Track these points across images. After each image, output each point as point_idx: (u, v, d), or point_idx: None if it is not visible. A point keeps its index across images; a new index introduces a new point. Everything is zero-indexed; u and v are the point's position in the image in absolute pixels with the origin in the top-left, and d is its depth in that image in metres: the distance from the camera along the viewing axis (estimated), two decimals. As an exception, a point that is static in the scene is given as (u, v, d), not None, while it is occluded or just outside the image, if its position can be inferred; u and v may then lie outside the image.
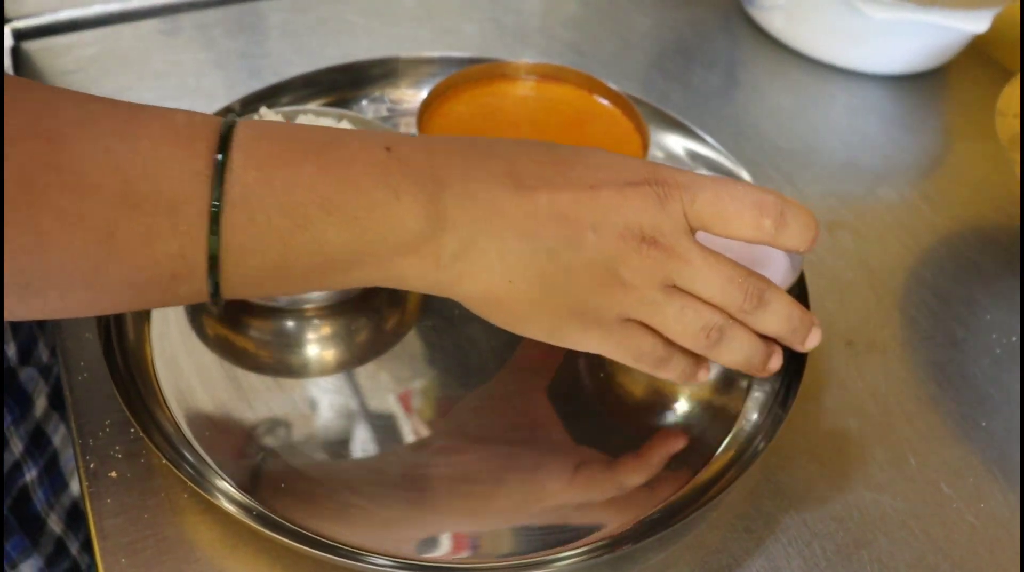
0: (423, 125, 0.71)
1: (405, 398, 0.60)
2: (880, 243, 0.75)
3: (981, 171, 0.83)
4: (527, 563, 0.52)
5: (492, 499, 0.55)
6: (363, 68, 0.79)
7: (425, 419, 0.59)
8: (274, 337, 0.62)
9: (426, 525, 0.54)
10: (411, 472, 0.56)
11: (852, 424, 0.62)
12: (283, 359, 0.61)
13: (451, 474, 0.56)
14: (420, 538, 0.53)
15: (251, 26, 0.93)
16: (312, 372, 0.61)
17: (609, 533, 0.54)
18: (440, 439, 0.58)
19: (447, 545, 0.53)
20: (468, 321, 0.64)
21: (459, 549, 0.53)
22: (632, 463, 0.57)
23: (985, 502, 0.59)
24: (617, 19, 0.99)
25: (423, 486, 0.55)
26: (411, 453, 0.57)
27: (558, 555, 0.52)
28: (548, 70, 0.76)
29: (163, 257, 0.44)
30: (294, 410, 0.58)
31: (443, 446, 0.57)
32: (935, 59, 0.93)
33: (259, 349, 0.61)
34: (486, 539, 0.53)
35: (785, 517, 0.57)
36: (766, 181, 0.79)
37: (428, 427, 0.58)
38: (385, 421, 0.58)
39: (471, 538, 0.53)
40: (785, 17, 0.93)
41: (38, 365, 0.75)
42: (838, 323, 0.68)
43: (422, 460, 0.56)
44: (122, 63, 0.86)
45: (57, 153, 0.41)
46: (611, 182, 0.48)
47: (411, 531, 0.53)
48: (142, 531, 0.53)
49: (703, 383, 0.61)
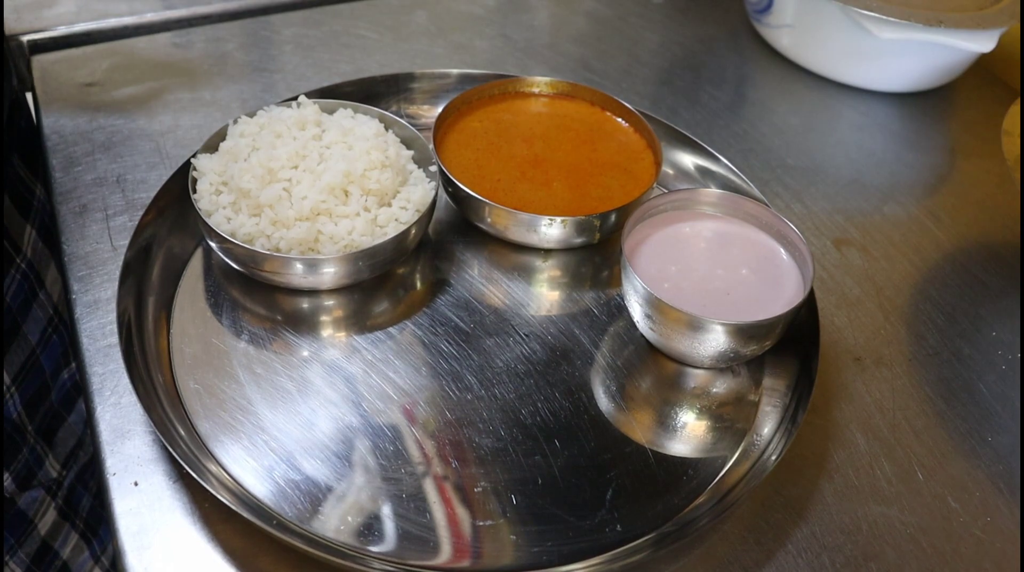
0: (438, 140, 0.72)
1: (409, 410, 0.61)
2: (887, 260, 0.76)
3: (986, 189, 0.84)
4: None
5: (507, 508, 0.56)
6: (379, 83, 0.80)
7: (441, 428, 0.60)
8: (290, 350, 0.63)
9: (444, 535, 0.54)
10: (428, 481, 0.57)
11: (860, 438, 0.63)
12: (304, 376, 0.62)
13: (469, 484, 0.57)
14: (437, 547, 0.54)
15: (265, 40, 0.94)
16: (328, 385, 0.62)
17: (623, 544, 0.54)
18: (457, 448, 0.58)
19: (467, 554, 0.54)
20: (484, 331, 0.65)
21: (480, 558, 0.54)
22: (645, 475, 0.58)
23: (991, 516, 0.60)
24: (626, 36, 1.00)
25: (439, 495, 0.56)
26: (427, 463, 0.58)
27: (570, 565, 0.53)
28: (562, 87, 0.78)
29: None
30: (312, 422, 0.59)
31: (460, 456, 0.58)
32: (941, 78, 0.94)
33: (278, 361, 0.62)
34: (503, 548, 0.54)
35: (795, 529, 0.57)
36: (774, 198, 0.80)
37: (444, 436, 0.59)
38: (402, 431, 0.59)
39: (492, 546, 0.54)
40: (793, 35, 0.95)
41: (44, 484, 0.74)
42: (846, 339, 0.69)
43: (439, 471, 0.57)
44: (137, 76, 0.87)
45: None
46: None
47: (430, 539, 0.54)
48: (165, 539, 0.53)
49: (714, 398, 0.62)
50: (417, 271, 0.70)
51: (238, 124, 0.70)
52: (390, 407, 0.60)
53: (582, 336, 0.66)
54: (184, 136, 0.80)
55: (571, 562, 0.54)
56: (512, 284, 0.69)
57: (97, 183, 0.74)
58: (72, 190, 0.73)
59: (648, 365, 0.65)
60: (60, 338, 0.77)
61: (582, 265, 0.71)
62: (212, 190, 0.66)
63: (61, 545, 0.76)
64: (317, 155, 0.67)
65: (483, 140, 0.74)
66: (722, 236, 0.67)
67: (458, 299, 0.68)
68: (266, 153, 0.66)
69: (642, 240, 0.65)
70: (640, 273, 0.62)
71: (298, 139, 0.68)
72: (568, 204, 0.69)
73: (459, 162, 0.71)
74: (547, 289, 0.70)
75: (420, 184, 0.69)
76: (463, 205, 0.70)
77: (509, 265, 0.71)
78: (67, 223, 0.71)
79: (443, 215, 0.73)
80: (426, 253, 0.71)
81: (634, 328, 0.66)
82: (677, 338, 0.61)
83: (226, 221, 0.65)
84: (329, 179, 0.65)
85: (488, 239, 0.72)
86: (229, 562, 0.53)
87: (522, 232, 0.68)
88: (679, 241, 0.66)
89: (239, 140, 0.68)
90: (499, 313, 0.67)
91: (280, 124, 0.69)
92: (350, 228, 0.64)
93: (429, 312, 0.67)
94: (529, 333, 0.66)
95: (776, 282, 0.64)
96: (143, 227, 0.66)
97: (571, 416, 0.61)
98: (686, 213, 0.68)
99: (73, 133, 0.79)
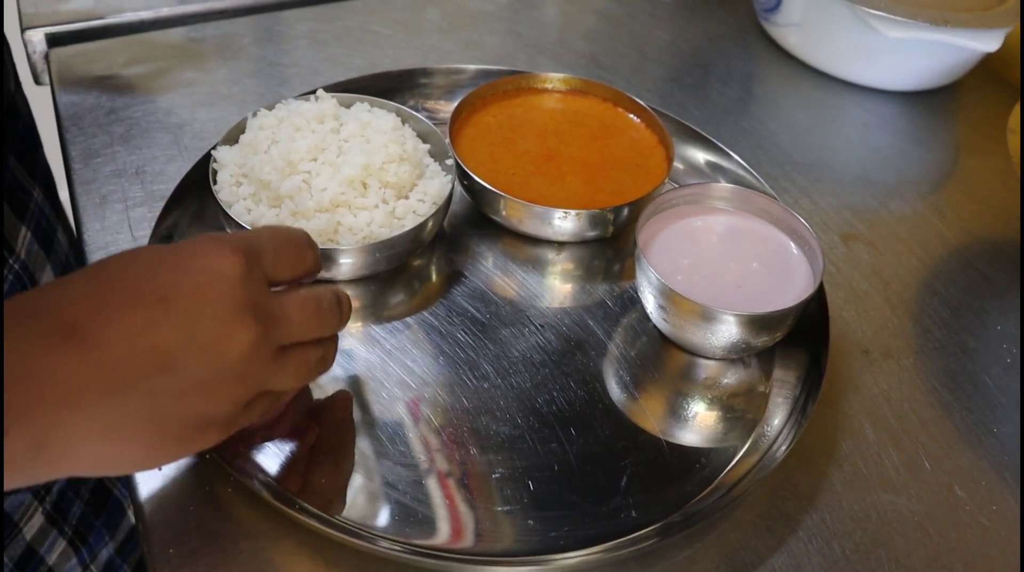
0: (454, 135, 0.73)
1: (428, 398, 0.62)
2: (894, 255, 0.77)
3: (990, 186, 0.86)
4: (557, 556, 0.54)
5: (524, 495, 0.57)
6: (395, 78, 0.81)
7: (459, 416, 0.61)
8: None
9: (464, 520, 0.56)
10: (448, 467, 0.58)
11: (868, 429, 0.64)
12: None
13: (484, 471, 0.58)
14: (458, 532, 0.55)
15: (279, 35, 0.95)
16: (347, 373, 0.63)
17: (637, 529, 0.56)
18: (475, 436, 0.60)
19: (486, 539, 0.55)
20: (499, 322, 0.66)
21: (498, 542, 0.55)
22: (658, 463, 0.59)
23: (997, 505, 0.61)
24: (635, 33, 1.01)
25: (458, 481, 0.57)
26: (446, 449, 0.59)
27: (586, 549, 0.55)
28: (575, 83, 0.79)
29: None
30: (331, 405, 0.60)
31: (478, 443, 0.59)
32: (947, 76, 0.95)
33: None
34: (521, 532, 0.55)
35: (805, 517, 0.59)
36: (782, 194, 0.81)
37: (462, 424, 0.60)
38: (420, 419, 0.60)
39: (510, 531, 0.55)
40: (800, 34, 0.96)
41: (32, 488, 0.73)
42: (854, 332, 0.70)
43: (457, 457, 0.58)
44: (153, 69, 0.88)
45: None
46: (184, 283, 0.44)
47: (451, 524, 0.55)
48: (187, 523, 0.54)
49: (725, 389, 0.63)
50: (433, 263, 0.71)
51: (257, 117, 0.71)
52: (408, 394, 0.62)
53: (596, 327, 0.67)
54: (201, 129, 0.81)
55: (587, 546, 0.55)
56: (526, 276, 0.70)
57: (116, 174, 0.75)
58: (92, 181, 0.75)
59: (660, 356, 0.66)
60: None
61: (595, 258, 0.73)
62: (232, 181, 0.67)
63: (47, 551, 0.76)
64: (336, 148, 0.69)
65: (498, 135, 0.75)
66: (733, 230, 0.68)
67: (473, 290, 0.69)
68: (286, 145, 0.67)
69: (655, 233, 0.67)
70: (654, 265, 0.63)
71: (317, 132, 0.69)
72: (581, 198, 0.71)
73: (474, 156, 0.73)
74: (560, 281, 0.71)
75: (437, 177, 0.70)
76: (478, 198, 0.71)
77: (523, 257, 0.72)
78: (87, 214, 0.72)
79: (457, 208, 0.74)
80: (441, 245, 0.72)
81: (646, 320, 0.67)
82: (690, 329, 0.62)
83: (247, 212, 0.66)
84: (348, 172, 0.66)
85: (502, 232, 0.73)
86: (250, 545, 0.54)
87: (536, 225, 0.70)
88: (692, 234, 0.67)
89: (259, 133, 0.69)
90: (514, 304, 0.68)
91: (299, 117, 0.70)
92: (369, 220, 0.65)
93: (445, 302, 0.68)
94: (544, 324, 0.67)
95: (787, 275, 0.65)
96: (164, 218, 0.67)
97: (586, 405, 0.62)
98: (698, 207, 0.69)
99: (92, 125, 0.80)
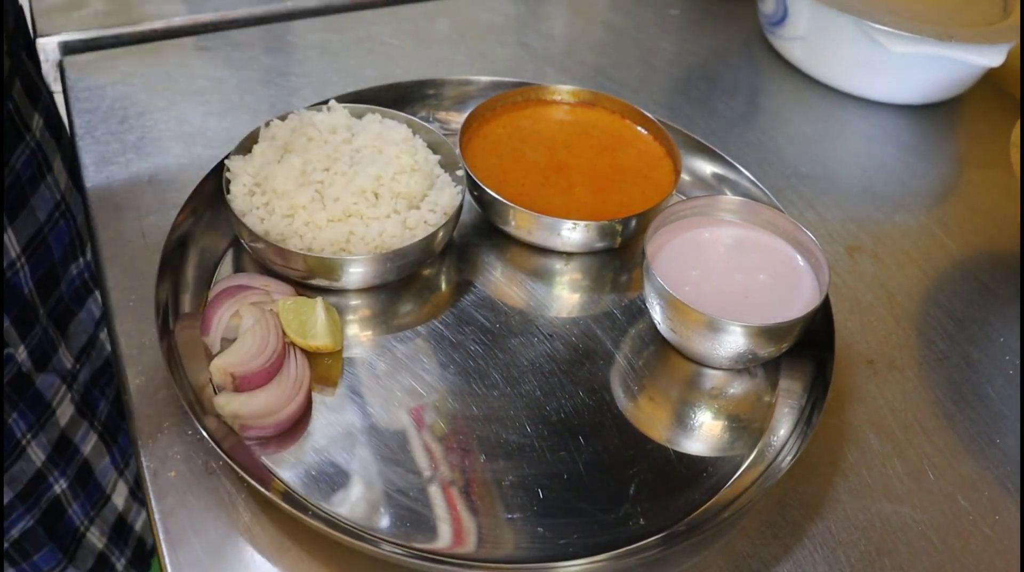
0: (464, 146, 0.74)
1: (438, 406, 0.63)
2: (898, 267, 0.78)
3: (993, 199, 0.87)
4: (566, 563, 0.55)
5: (533, 502, 0.58)
6: (406, 88, 0.82)
7: (469, 424, 0.61)
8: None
9: (473, 527, 0.56)
10: (459, 475, 0.59)
11: (873, 439, 0.65)
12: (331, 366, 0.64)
13: (494, 478, 0.59)
14: (469, 539, 0.56)
15: (290, 45, 0.96)
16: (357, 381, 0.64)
17: (646, 537, 0.56)
18: (485, 444, 0.60)
19: (496, 545, 0.56)
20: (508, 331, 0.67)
21: (508, 549, 0.56)
22: (666, 472, 0.60)
23: (1000, 514, 0.62)
24: (642, 46, 1.02)
25: (469, 489, 0.58)
26: (457, 457, 0.60)
27: (595, 557, 0.55)
28: (583, 95, 0.80)
29: None
30: (343, 417, 0.61)
31: (488, 451, 0.60)
32: (950, 90, 0.96)
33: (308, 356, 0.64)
34: (531, 539, 0.56)
35: (811, 526, 0.59)
36: (788, 206, 0.82)
37: (472, 432, 0.61)
38: (431, 426, 0.61)
39: (520, 538, 0.56)
40: (806, 47, 0.97)
41: (59, 371, 0.75)
42: (859, 343, 0.71)
43: (468, 464, 0.59)
44: (165, 78, 0.89)
45: None
46: None
47: (461, 531, 0.56)
48: (202, 529, 0.55)
49: (732, 398, 0.64)
50: (442, 273, 0.72)
51: (270, 127, 0.72)
52: (419, 402, 0.62)
53: (604, 337, 0.68)
54: (213, 138, 0.82)
55: (596, 553, 0.55)
56: (535, 286, 0.71)
57: (130, 183, 0.76)
58: (105, 188, 0.76)
59: (668, 366, 0.67)
60: (67, 226, 0.78)
61: (603, 269, 0.74)
62: (246, 191, 0.68)
63: (81, 441, 0.77)
64: (348, 158, 0.69)
65: (507, 146, 0.76)
66: (740, 242, 0.69)
67: (483, 300, 0.70)
68: (299, 156, 0.68)
69: (663, 244, 0.67)
70: (662, 276, 0.64)
71: (329, 142, 0.70)
72: (590, 209, 0.71)
73: (484, 167, 0.73)
74: (569, 291, 0.72)
75: (447, 188, 0.71)
76: (488, 209, 0.72)
77: (532, 268, 0.73)
78: (101, 221, 0.73)
79: (466, 218, 0.75)
80: (451, 255, 0.73)
81: (654, 330, 0.68)
82: (697, 339, 0.63)
83: (259, 221, 0.67)
84: (360, 182, 0.67)
85: (511, 242, 0.74)
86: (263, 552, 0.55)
87: (545, 236, 0.70)
88: (699, 246, 0.68)
89: (272, 142, 0.70)
90: (523, 314, 0.69)
91: (311, 128, 0.71)
92: (380, 230, 0.66)
93: (455, 312, 0.69)
94: (552, 333, 0.68)
95: (793, 287, 0.66)
96: (177, 226, 0.68)
97: (594, 414, 0.63)
98: (706, 219, 0.70)
99: (105, 133, 0.81)
